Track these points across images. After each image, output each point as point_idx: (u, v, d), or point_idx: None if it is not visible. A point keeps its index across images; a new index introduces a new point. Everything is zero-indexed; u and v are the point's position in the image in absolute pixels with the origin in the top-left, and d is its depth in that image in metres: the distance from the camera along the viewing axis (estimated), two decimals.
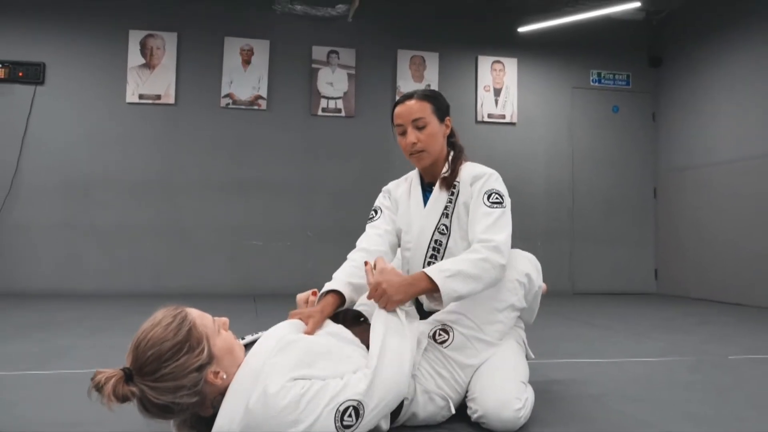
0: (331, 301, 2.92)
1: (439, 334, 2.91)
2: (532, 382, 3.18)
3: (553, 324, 6.78)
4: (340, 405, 2.28)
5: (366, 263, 2.95)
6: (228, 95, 9.81)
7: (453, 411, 2.85)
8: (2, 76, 9.17)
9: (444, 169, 3.32)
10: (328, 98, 10.04)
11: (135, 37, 9.61)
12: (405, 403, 2.70)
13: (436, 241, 3.24)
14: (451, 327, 2.93)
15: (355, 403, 2.32)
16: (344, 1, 9.05)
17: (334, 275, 3.08)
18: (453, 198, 3.26)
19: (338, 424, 2.25)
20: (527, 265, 3.21)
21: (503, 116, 10.70)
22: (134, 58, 9.58)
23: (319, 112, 9.96)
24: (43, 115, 9.29)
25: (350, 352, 2.55)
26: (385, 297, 2.74)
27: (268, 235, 9.77)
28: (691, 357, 4.82)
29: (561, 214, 10.85)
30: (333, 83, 10.06)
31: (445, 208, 3.26)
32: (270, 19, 9.80)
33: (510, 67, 10.78)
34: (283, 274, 9.52)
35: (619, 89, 11.20)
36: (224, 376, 2.27)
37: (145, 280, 9.31)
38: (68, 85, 9.42)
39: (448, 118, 3.35)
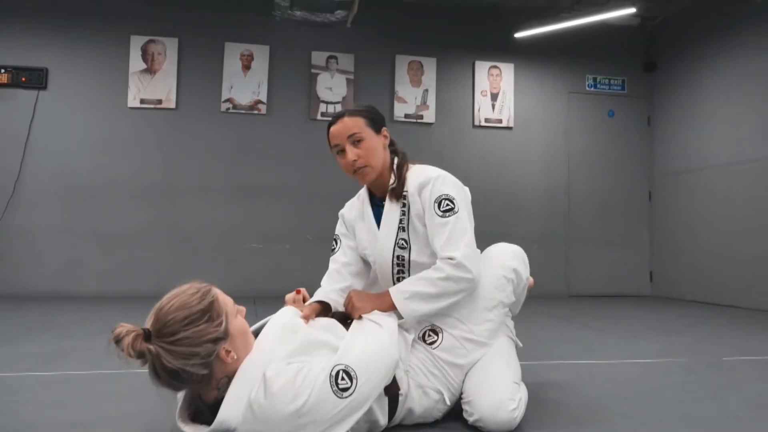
0: (318, 305, 3.08)
1: (429, 335, 2.93)
2: (528, 383, 3.19)
3: (549, 326, 6.80)
4: (332, 371, 2.34)
5: (297, 291, 3.15)
6: (228, 100, 9.82)
7: (449, 403, 2.88)
8: (5, 81, 9.19)
9: (391, 180, 3.21)
10: (327, 103, 10.05)
11: (136, 43, 9.62)
12: (400, 399, 2.72)
13: (398, 257, 3.16)
14: (440, 328, 2.94)
15: (343, 366, 2.38)
16: (343, 7, 9.06)
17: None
18: (405, 210, 3.15)
19: (335, 388, 2.31)
20: (513, 260, 3.23)
21: (500, 121, 10.71)
22: (136, 63, 9.60)
23: (319, 117, 9.96)
24: (46, 120, 9.30)
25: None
26: (350, 305, 2.92)
27: (268, 238, 9.78)
28: (685, 358, 4.83)
29: (557, 217, 10.86)
30: (332, 88, 10.07)
31: (400, 221, 3.15)
32: (270, 24, 9.82)
33: (507, 72, 10.79)
34: (282, 276, 9.52)
35: (614, 94, 11.20)
36: (235, 356, 2.32)
37: (146, 283, 9.30)
38: (70, 90, 9.43)
39: (384, 128, 3.23)
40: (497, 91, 10.72)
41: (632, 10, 9.77)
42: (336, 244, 3.39)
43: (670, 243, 10.57)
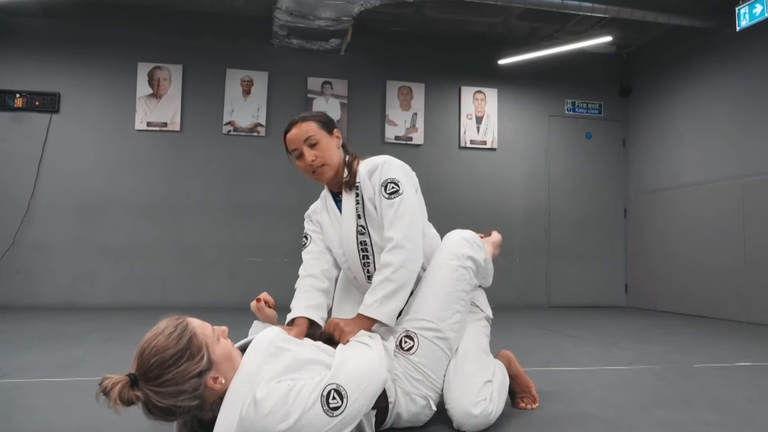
0: (303, 323, 3.02)
1: (405, 341, 2.88)
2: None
3: (530, 335, 6.81)
4: (323, 390, 2.31)
5: (258, 299, 3.06)
6: (229, 123, 9.84)
7: (434, 409, 2.86)
8: (20, 105, 9.21)
9: (345, 174, 3.23)
10: None
11: (143, 69, 9.64)
12: (389, 407, 2.71)
13: (361, 242, 3.17)
14: (414, 333, 2.89)
15: (334, 386, 2.34)
16: (337, 35, 9.08)
17: (292, 304, 3.13)
18: (359, 198, 3.17)
19: (325, 407, 2.28)
20: (465, 248, 3.11)
21: (484, 142, 10.74)
22: (142, 88, 9.62)
23: None
24: (58, 142, 9.33)
25: (331, 361, 2.55)
26: (338, 330, 2.87)
27: (267, 253, 9.77)
28: (658, 365, 4.84)
29: (538, 232, 10.88)
30: (327, 112, 10.06)
31: (356, 209, 3.17)
32: (268, 52, 9.84)
33: (491, 96, 10.83)
34: (281, 288, 9.43)
35: (592, 117, 11.25)
36: (223, 381, 2.28)
37: (153, 294, 9.31)
38: (81, 114, 9.45)
39: (335, 130, 3.26)
40: (482, 115, 10.75)
41: (608, 39, 9.83)
42: (307, 239, 3.39)
43: (644, 257, 10.60)
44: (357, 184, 3.18)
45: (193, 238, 9.60)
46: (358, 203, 3.17)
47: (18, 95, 9.23)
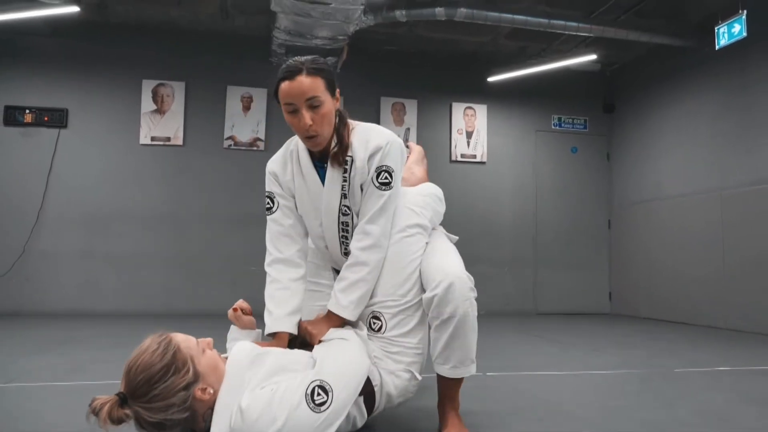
0: (284, 337, 2.79)
1: (374, 323, 2.76)
2: (499, 392, 3.20)
3: (518, 341, 6.82)
4: (307, 389, 2.27)
5: (235, 309, 2.81)
6: (230, 137, 9.84)
7: (419, 378, 2.75)
8: (30, 121, 9.21)
9: (333, 144, 2.82)
10: None
11: (147, 86, 9.65)
12: (376, 390, 2.62)
13: (343, 222, 2.87)
14: (380, 312, 2.75)
15: (318, 382, 2.30)
16: (333, 54, 9.08)
17: (270, 308, 2.83)
18: (347, 176, 2.81)
19: (311, 405, 2.24)
20: (408, 217, 2.89)
21: (474, 156, 10.75)
22: (147, 104, 9.62)
23: None
24: (66, 155, 9.32)
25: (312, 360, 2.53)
26: (308, 335, 2.74)
27: None
28: (641, 370, 4.85)
29: (526, 242, 10.88)
30: None
31: (342, 188, 2.81)
32: (267, 70, 9.82)
33: (480, 112, 10.85)
34: None
35: (577, 132, 11.27)
36: (211, 391, 2.27)
37: (156, 302, 9.29)
38: (88, 129, 9.45)
39: (337, 90, 2.79)
40: (472, 130, 10.77)
41: (593, 57, 9.88)
42: (273, 203, 2.96)
43: (627, 266, 10.61)
44: (348, 159, 2.82)
45: (195, 248, 9.59)
46: (345, 181, 2.82)
47: (27, 111, 9.23)
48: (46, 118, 9.29)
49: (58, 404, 3.41)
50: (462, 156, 10.72)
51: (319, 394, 2.27)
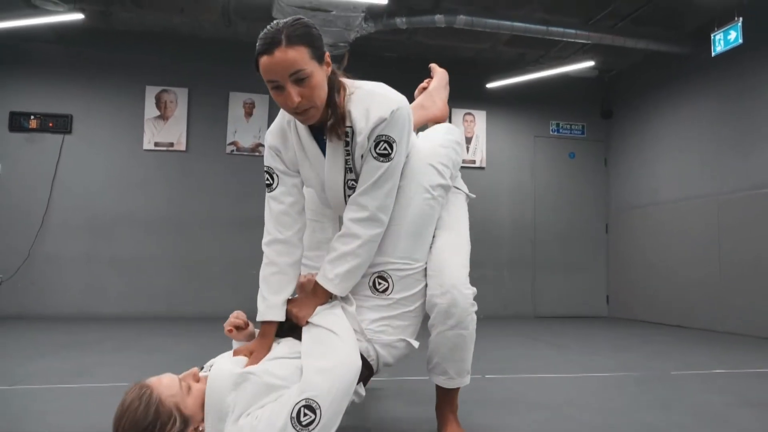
0: (272, 327, 2.57)
1: (379, 283, 2.61)
2: (498, 395, 3.20)
3: (517, 344, 6.81)
4: (292, 411, 2.15)
5: (229, 330, 2.61)
6: (233, 143, 9.85)
7: (416, 345, 2.66)
8: (35, 127, 9.23)
9: (328, 115, 2.52)
10: None
11: (151, 92, 9.67)
12: (372, 364, 2.57)
13: (349, 195, 2.63)
14: (388, 274, 2.61)
15: (303, 402, 2.16)
16: (334, 60, 8.99)
17: (264, 293, 2.62)
18: (350, 149, 2.56)
19: (298, 428, 2.13)
20: (433, 176, 2.74)
21: (474, 161, 10.76)
22: (150, 110, 9.64)
23: None
24: (71, 161, 9.34)
25: (299, 364, 2.36)
26: (296, 319, 2.56)
27: None
28: (638, 372, 4.85)
29: (524, 246, 10.89)
30: None
31: (346, 162, 2.57)
32: None
33: (480, 118, 10.86)
34: None
35: (575, 138, 11.29)
36: (202, 428, 2.21)
37: (160, 305, 9.30)
38: (92, 134, 9.47)
39: (326, 54, 2.47)
40: (471, 135, 10.78)
41: (591, 64, 9.90)
42: (273, 179, 2.68)
43: (624, 269, 10.62)
44: (348, 130, 2.55)
45: (198, 252, 9.59)
46: (348, 154, 2.58)
47: (32, 117, 9.25)
48: (50, 124, 9.30)
49: (63, 407, 3.41)
50: (462, 161, 10.67)
51: (306, 415, 2.15)
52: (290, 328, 2.60)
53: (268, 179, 2.69)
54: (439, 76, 3.40)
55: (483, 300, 3.11)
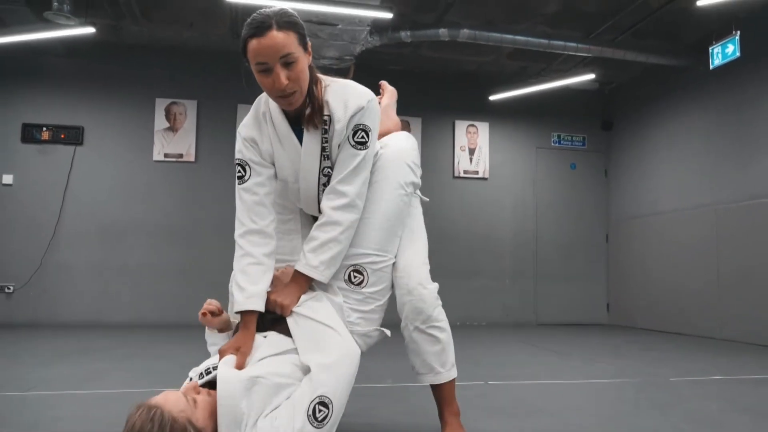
0: (253, 318, 2.50)
1: (354, 276, 2.63)
2: (500, 401, 3.22)
3: (519, 351, 6.82)
4: (308, 408, 2.17)
5: (204, 313, 2.64)
6: None
7: (389, 334, 2.70)
8: (47, 138, 9.28)
9: (306, 104, 2.56)
10: None
11: (161, 105, 9.71)
12: None
13: (323, 184, 2.66)
14: (363, 267, 2.64)
15: (317, 399, 2.19)
16: (340, 73, 9.11)
17: (241, 284, 2.57)
18: (327, 137, 2.59)
19: (315, 423, 2.15)
20: (407, 174, 2.81)
21: (477, 172, 10.78)
22: (160, 122, 9.68)
23: None
24: (82, 172, 9.38)
25: (296, 360, 2.37)
26: (278, 308, 2.52)
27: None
28: (637, 379, 4.86)
29: (526, 255, 10.90)
30: None
31: (323, 149, 2.60)
32: None
33: (482, 130, 10.88)
34: None
35: (576, 149, 11.30)
36: None
37: (169, 313, 9.30)
38: (103, 146, 9.51)
39: (309, 44, 2.51)
40: (474, 147, 10.80)
41: (591, 77, 9.92)
42: (245, 171, 2.66)
43: (624, 278, 10.62)
44: (325, 119, 2.58)
45: (207, 260, 9.57)
46: (325, 142, 2.61)
47: (45, 129, 9.29)
48: (62, 136, 9.35)
49: (76, 412, 3.44)
50: (465, 172, 10.75)
51: (320, 411, 2.18)
52: (273, 320, 2.56)
53: (240, 171, 2.67)
54: (389, 94, 3.46)
55: (486, 308, 3.14)
